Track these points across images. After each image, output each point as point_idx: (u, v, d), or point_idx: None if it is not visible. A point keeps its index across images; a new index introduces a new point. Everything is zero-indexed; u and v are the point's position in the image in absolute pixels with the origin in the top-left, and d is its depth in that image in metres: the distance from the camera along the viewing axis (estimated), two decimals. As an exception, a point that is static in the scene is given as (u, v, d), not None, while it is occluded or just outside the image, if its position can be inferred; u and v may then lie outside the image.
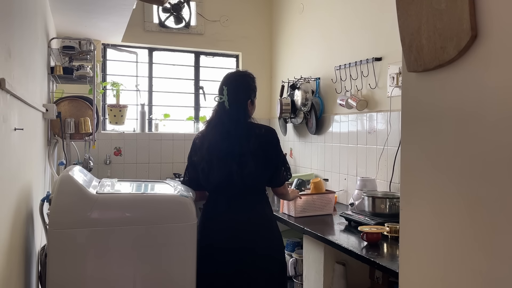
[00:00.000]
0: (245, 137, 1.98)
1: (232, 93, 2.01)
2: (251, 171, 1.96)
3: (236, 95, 2.01)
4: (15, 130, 1.52)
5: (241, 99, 2.03)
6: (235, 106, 2.00)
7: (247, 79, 2.09)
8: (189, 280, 2.11)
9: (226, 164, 1.97)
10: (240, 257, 1.97)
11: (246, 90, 2.06)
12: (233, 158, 1.97)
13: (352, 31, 3.01)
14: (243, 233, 1.99)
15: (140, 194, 2.16)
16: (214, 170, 2.00)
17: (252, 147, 1.96)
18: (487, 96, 0.91)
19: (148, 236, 2.02)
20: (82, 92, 3.22)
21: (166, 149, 3.91)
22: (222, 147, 1.98)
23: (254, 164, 1.96)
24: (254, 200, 2.04)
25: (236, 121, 1.99)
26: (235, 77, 2.10)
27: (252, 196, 2.03)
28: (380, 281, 2.28)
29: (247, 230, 1.99)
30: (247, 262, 1.97)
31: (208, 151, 2.01)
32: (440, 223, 1.03)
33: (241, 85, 2.06)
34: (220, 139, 1.99)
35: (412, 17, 1.08)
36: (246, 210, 2.00)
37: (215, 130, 2.02)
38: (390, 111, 2.56)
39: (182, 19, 3.88)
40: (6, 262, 1.40)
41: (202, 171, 2.04)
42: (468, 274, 0.96)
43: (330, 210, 2.68)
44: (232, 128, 1.98)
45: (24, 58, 1.79)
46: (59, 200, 1.90)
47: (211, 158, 2.00)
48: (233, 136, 1.98)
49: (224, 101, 2.00)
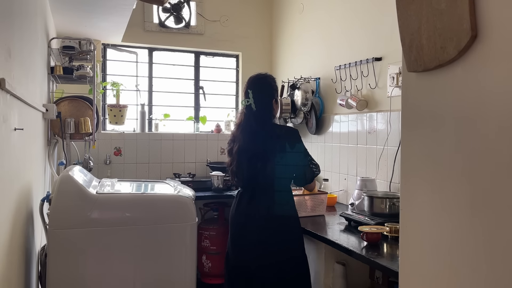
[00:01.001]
0: (269, 138, 2.16)
1: (257, 95, 2.19)
2: (273, 169, 2.11)
3: (261, 97, 2.20)
4: (15, 130, 1.52)
5: (266, 99, 2.21)
6: (261, 107, 2.19)
7: (269, 80, 2.27)
8: (189, 280, 2.11)
9: (252, 163, 2.14)
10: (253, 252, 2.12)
11: (270, 91, 2.25)
12: (257, 158, 2.14)
13: (352, 31, 3.01)
14: (254, 228, 2.12)
15: (140, 194, 2.16)
16: (244, 170, 2.18)
17: (275, 147, 2.13)
18: (487, 96, 0.91)
19: (148, 236, 2.02)
20: (82, 92, 3.23)
21: (166, 149, 3.90)
22: (249, 147, 2.16)
23: (276, 163, 2.11)
24: (274, 197, 2.15)
25: (263, 122, 2.18)
26: (258, 80, 2.26)
27: (273, 193, 2.15)
28: (380, 281, 2.29)
29: (260, 225, 2.11)
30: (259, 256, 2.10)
31: (238, 153, 2.19)
32: (440, 223, 1.03)
33: (264, 86, 2.24)
34: (248, 140, 2.17)
35: (412, 17, 1.08)
36: (264, 207, 2.12)
37: (244, 132, 2.20)
38: (390, 111, 2.56)
39: (182, 19, 3.88)
40: (6, 262, 1.40)
41: (231, 172, 2.24)
42: (468, 274, 0.96)
43: (322, 211, 2.68)
44: (259, 128, 2.17)
45: (24, 58, 1.79)
46: (59, 200, 1.90)
47: (240, 159, 2.18)
48: (259, 137, 2.16)
49: (251, 104, 2.18)
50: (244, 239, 2.15)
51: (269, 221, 2.11)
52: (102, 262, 1.95)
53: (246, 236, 2.14)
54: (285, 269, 2.09)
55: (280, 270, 2.08)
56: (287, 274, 2.09)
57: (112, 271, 1.97)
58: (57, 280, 1.88)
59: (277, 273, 2.08)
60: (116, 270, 1.97)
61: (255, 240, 2.10)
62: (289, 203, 2.20)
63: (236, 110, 4.32)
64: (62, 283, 1.89)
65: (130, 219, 2.01)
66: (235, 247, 2.19)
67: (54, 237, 1.89)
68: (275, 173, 2.12)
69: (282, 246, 2.10)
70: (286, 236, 2.12)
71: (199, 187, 3.51)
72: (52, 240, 1.89)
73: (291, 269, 2.11)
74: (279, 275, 2.08)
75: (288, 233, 2.14)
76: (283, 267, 2.09)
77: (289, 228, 2.15)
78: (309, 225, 2.37)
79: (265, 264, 2.08)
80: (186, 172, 3.89)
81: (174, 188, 2.36)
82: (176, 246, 2.08)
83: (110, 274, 1.96)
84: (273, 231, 2.10)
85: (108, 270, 1.96)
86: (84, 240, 1.92)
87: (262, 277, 2.08)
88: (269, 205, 2.12)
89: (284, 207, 2.16)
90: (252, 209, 2.14)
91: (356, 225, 2.23)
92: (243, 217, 2.17)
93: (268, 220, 2.11)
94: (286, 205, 2.17)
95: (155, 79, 4.07)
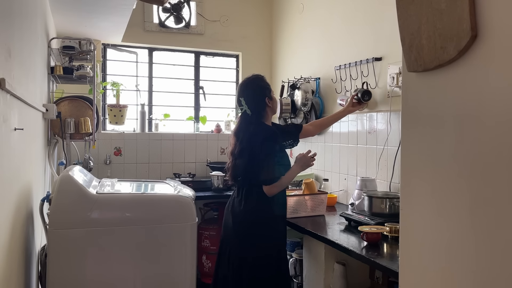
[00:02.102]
0: (248, 138, 2.23)
1: (249, 100, 2.26)
2: (242, 169, 2.23)
3: (253, 100, 2.27)
4: (15, 130, 1.52)
5: (259, 101, 2.27)
6: (256, 111, 2.26)
7: (256, 81, 2.33)
8: (189, 280, 2.11)
9: (235, 163, 2.27)
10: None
11: (260, 91, 2.29)
12: (238, 156, 2.25)
13: (352, 31, 3.01)
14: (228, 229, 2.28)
15: (140, 194, 2.16)
16: (230, 169, 2.31)
17: (247, 146, 2.22)
18: (487, 96, 0.91)
19: (148, 236, 2.02)
20: (82, 92, 3.23)
21: (166, 149, 3.90)
22: (234, 148, 2.28)
23: (245, 162, 2.21)
24: (249, 197, 2.25)
25: (253, 123, 2.25)
26: (245, 85, 2.32)
27: (249, 193, 2.25)
28: (380, 281, 2.29)
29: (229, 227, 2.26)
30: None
31: (232, 152, 2.32)
32: (440, 223, 1.03)
33: (254, 89, 2.30)
34: (237, 142, 2.27)
35: (412, 17, 1.08)
36: (237, 206, 2.26)
37: (237, 135, 2.29)
38: (390, 111, 2.56)
39: (182, 19, 3.88)
40: (6, 262, 1.40)
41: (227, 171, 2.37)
42: (468, 274, 0.96)
43: (322, 211, 2.67)
44: (248, 129, 2.25)
45: (24, 58, 1.79)
46: (59, 200, 1.90)
47: (234, 158, 2.29)
48: (243, 137, 2.25)
49: (245, 110, 2.26)
50: (224, 232, 2.31)
51: (234, 224, 2.24)
52: (102, 262, 1.95)
53: (224, 233, 2.32)
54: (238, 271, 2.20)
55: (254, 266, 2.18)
56: (238, 275, 2.19)
57: (112, 271, 1.97)
58: (57, 280, 1.88)
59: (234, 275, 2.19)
60: (116, 270, 1.97)
61: (231, 234, 2.25)
62: (262, 203, 2.22)
63: (236, 110, 4.32)
64: (62, 283, 1.89)
65: (130, 219, 2.01)
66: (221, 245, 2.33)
67: (54, 237, 1.89)
68: (246, 172, 2.22)
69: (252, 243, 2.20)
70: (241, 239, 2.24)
71: (199, 187, 3.50)
72: (52, 240, 1.89)
73: (246, 272, 2.18)
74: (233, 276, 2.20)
75: (242, 236, 2.24)
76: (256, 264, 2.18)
77: (244, 231, 2.23)
78: (309, 225, 2.37)
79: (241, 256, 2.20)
80: (186, 172, 3.89)
81: (174, 188, 2.36)
82: (176, 246, 2.08)
83: (110, 274, 1.96)
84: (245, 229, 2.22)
85: (108, 270, 1.96)
86: (84, 240, 1.92)
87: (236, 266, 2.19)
88: (240, 204, 2.25)
89: (257, 207, 2.22)
90: (232, 207, 2.30)
91: (356, 225, 2.23)
92: (226, 216, 2.34)
93: (234, 222, 2.25)
94: (259, 205, 2.22)
95: (155, 79, 4.07)
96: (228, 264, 2.23)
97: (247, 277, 2.16)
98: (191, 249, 2.13)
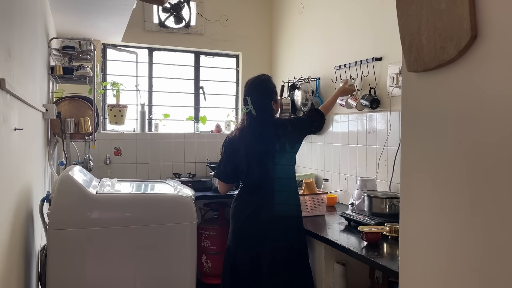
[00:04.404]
0: (275, 137, 2.24)
1: (256, 101, 2.25)
2: (284, 166, 2.25)
3: (260, 102, 2.26)
4: (15, 130, 1.52)
5: (265, 103, 2.27)
6: (261, 111, 2.25)
7: (266, 83, 2.32)
8: (189, 280, 2.11)
9: (263, 163, 2.22)
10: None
11: (267, 94, 2.29)
12: (268, 157, 2.22)
13: (352, 31, 3.01)
14: (261, 223, 2.21)
15: (140, 194, 2.16)
16: (254, 170, 2.23)
17: (282, 144, 2.24)
18: (487, 96, 0.91)
19: (148, 236, 2.02)
20: (82, 92, 3.22)
21: (166, 149, 3.90)
22: (257, 149, 2.23)
23: (286, 159, 2.26)
24: (281, 196, 2.25)
25: (264, 124, 2.25)
26: (254, 85, 2.31)
27: (280, 193, 2.25)
28: (380, 281, 2.29)
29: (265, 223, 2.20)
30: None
31: (246, 154, 2.24)
32: (440, 223, 1.03)
33: (262, 91, 2.29)
34: (254, 143, 2.23)
35: (412, 17, 1.08)
36: (271, 205, 2.22)
37: (248, 135, 2.25)
38: (390, 111, 2.56)
39: (182, 19, 3.88)
40: (6, 262, 1.40)
41: (241, 172, 2.29)
42: (468, 274, 0.96)
43: (322, 211, 2.67)
44: (264, 130, 2.24)
45: (24, 58, 1.79)
46: (59, 200, 1.90)
47: (249, 160, 2.24)
48: (264, 137, 2.23)
49: (250, 110, 2.25)
50: (249, 234, 2.23)
51: (274, 220, 2.20)
52: (102, 262, 1.95)
53: (251, 231, 2.22)
54: (291, 264, 2.19)
55: (288, 264, 2.18)
56: (292, 269, 2.19)
57: (112, 271, 1.97)
58: (57, 280, 1.88)
59: (285, 268, 2.17)
60: (116, 270, 1.97)
61: (262, 235, 2.20)
62: (294, 202, 2.30)
63: (236, 110, 4.32)
64: (62, 283, 1.89)
65: (130, 219, 2.01)
66: (241, 241, 2.25)
67: (54, 237, 1.89)
68: (283, 171, 2.25)
69: (288, 241, 2.21)
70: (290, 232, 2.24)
71: (199, 187, 3.51)
72: (52, 240, 1.89)
73: (295, 264, 2.21)
74: (286, 270, 2.17)
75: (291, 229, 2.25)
76: (290, 263, 2.19)
77: (295, 226, 2.26)
78: (309, 225, 2.37)
79: (275, 258, 2.17)
80: (186, 172, 3.89)
81: (174, 188, 2.36)
82: (176, 246, 2.08)
83: (110, 274, 1.96)
84: (277, 228, 2.20)
85: (108, 270, 1.96)
86: (84, 240, 1.92)
87: (270, 271, 2.16)
88: (276, 203, 2.22)
89: (290, 206, 2.26)
90: (260, 206, 2.23)
91: (356, 225, 2.23)
92: (251, 213, 2.25)
93: (273, 219, 2.20)
94: (291, 205, 2.27)
95: (155, 79, 4.07)
96: (272, 263, 2.19)
97: (300, 267, 2.23)
98: (191, 249, 2.13)
